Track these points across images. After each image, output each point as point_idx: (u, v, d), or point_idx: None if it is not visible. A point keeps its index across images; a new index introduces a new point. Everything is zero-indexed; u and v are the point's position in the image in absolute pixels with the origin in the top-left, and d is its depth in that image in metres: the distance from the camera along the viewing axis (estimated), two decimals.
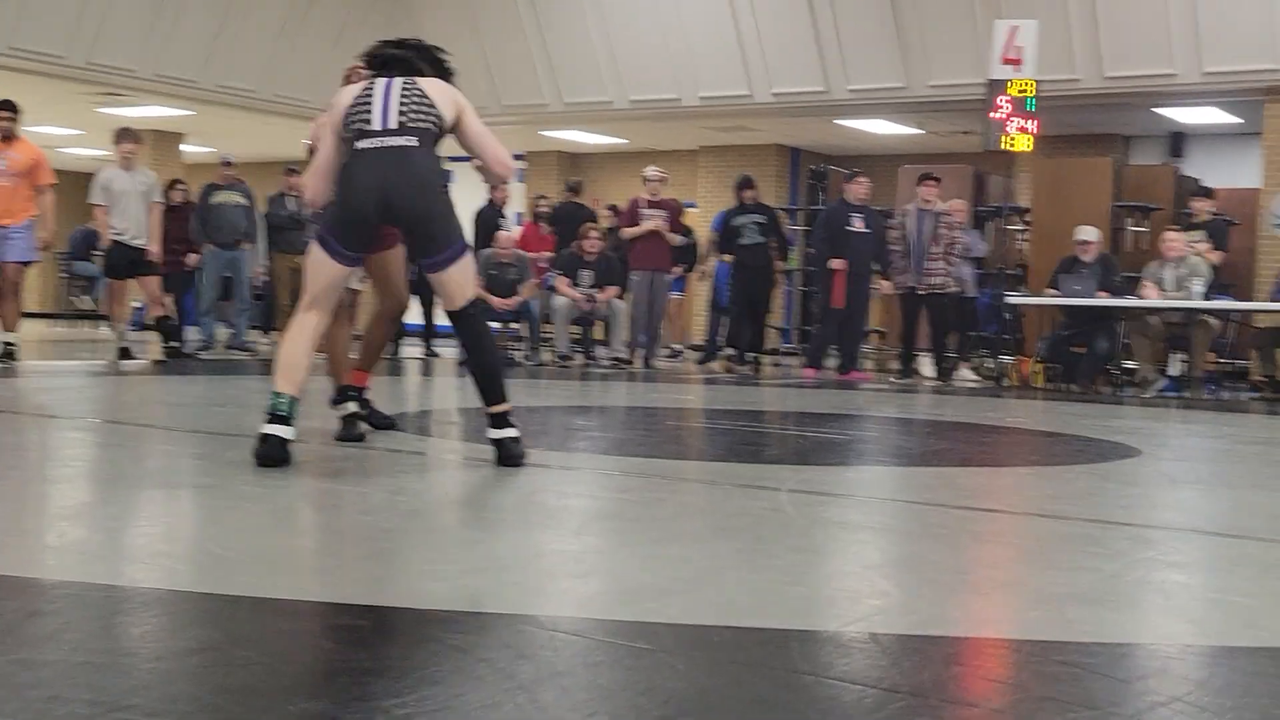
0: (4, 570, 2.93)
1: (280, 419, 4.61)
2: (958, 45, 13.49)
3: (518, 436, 4.83)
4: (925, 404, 9.43)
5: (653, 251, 13.04)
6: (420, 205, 4.63)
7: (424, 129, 4.67)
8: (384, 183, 4.60)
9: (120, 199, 10.78)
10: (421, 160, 4.64)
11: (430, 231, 4.67)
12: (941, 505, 4.42)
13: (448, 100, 4.78)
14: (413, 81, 4.79)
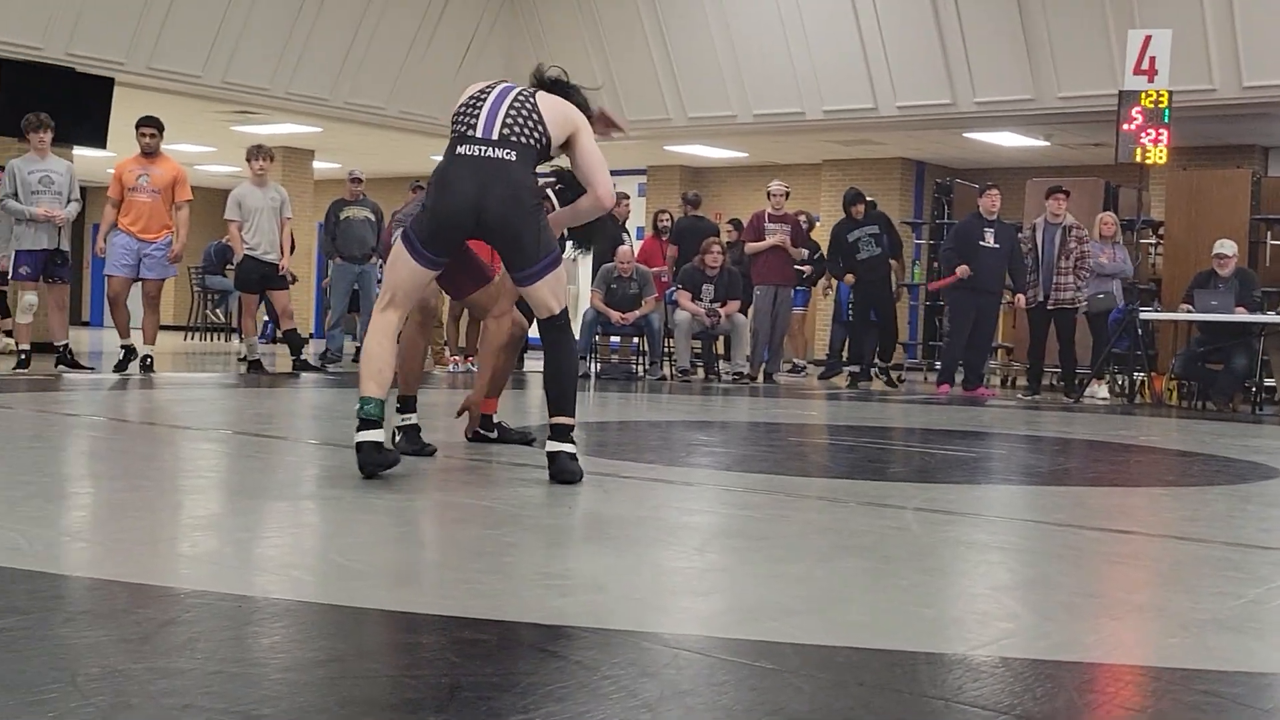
0: (140, 579, 3.00)
1: (371, 424, 4.60)
2: (1088, 56, 13.23)
3: (574, 454, 4.78)
4: (1054, 421, 9.24)
5: (776, 266, 13.00)
6: (513, 220, 4.59)
7: (525, 145, 4.64)
8: (479, 193, 4.58)
9: (253, 215, 11.03)
10: (518, 175, 4.60)
11: (521, 246, 4.65)
12: (1072, 526, 4.32)
13: (560, 119, 4.74)
14: (530, 93, 4.77)
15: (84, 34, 12.98)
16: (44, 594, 2.80)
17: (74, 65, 13.04)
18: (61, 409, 7.34)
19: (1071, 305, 11.79)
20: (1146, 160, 11.46)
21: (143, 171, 10.19)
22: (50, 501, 4.11)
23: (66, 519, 3.90)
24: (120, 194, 10.18)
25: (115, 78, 13.36)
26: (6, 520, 3.69)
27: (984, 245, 11.74)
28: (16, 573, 2.98)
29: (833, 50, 14.59)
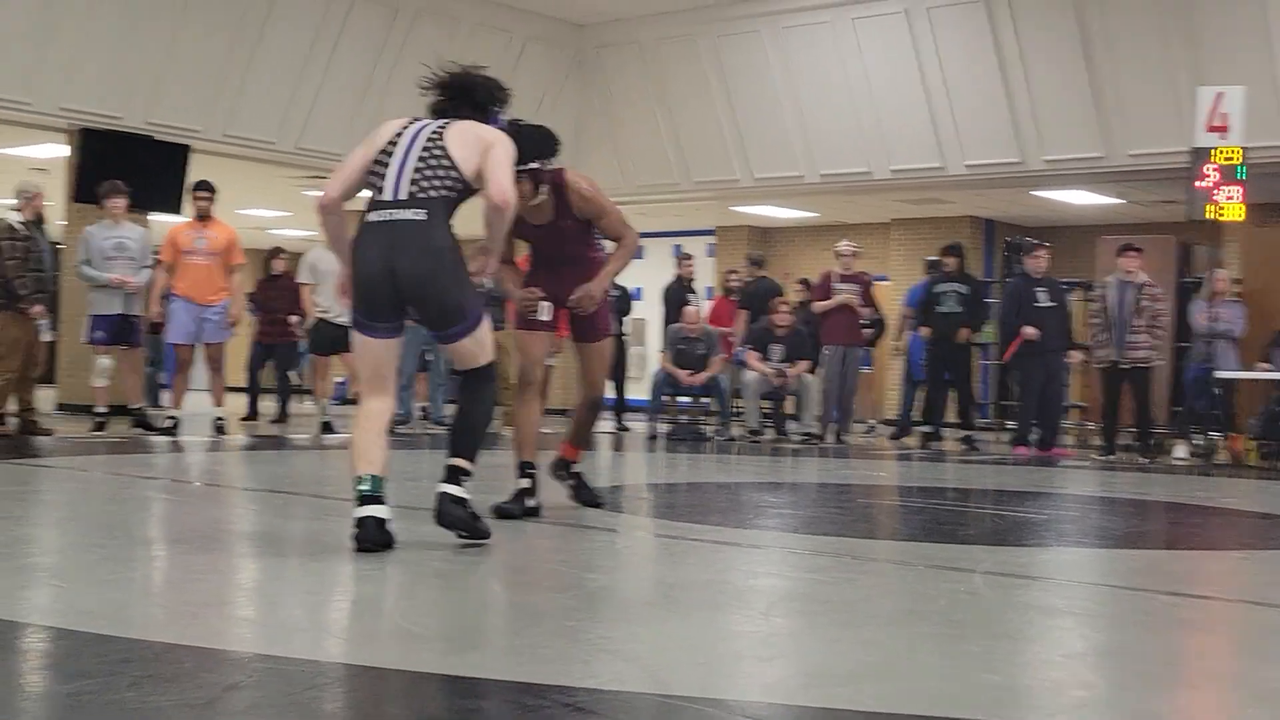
0: (206, 643, 3.01)
1: (371, 499, 4.43)
2: (1159, 113, 13.12)
3: (463, 499, 4.51)
4: (1129, 483, 9.09)
5: (845, 325, 12.94)
6: (429, 283, 4.46)
7: (436, 198, 4.48)
8: (389, 259, 4.44)
9: (326, 278, 11.09)
10: (432, 235, 4.45)
11: (443, 308, 4.51)
12: (1148, 590, 4.23)
13: (472, 149, 4.54)
14: (439, 133, 4.58)
15: (162, 103, 13.27)
16: (112, 658, 2.82)
17: (152, 133, 13.33)
18: (136, 471, 7.43)
19: (1146, 364, 11.62)
20: (1220, 217, 11.31)
21: (199, 235, 10.30)
22: (121, 564, 4.15)
23: (137, 582, 3.93)
24: (174, 258, 10.24)
25: (191, 144, 13.63)
26: (79, 583, 3.73)
27: (1038, 306, 11.63)
28: (87, 636, 3.01)
29: (900, 109, 14.58)
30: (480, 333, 4.59)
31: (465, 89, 4.83)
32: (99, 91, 12.83)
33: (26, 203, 9.77)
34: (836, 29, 14.56)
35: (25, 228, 9.58)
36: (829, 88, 14.92)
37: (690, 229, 19.95)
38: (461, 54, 16.26)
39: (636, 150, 16.50)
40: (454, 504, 4.50)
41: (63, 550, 4.49)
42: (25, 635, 3.10)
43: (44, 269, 9.63)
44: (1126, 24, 12.95)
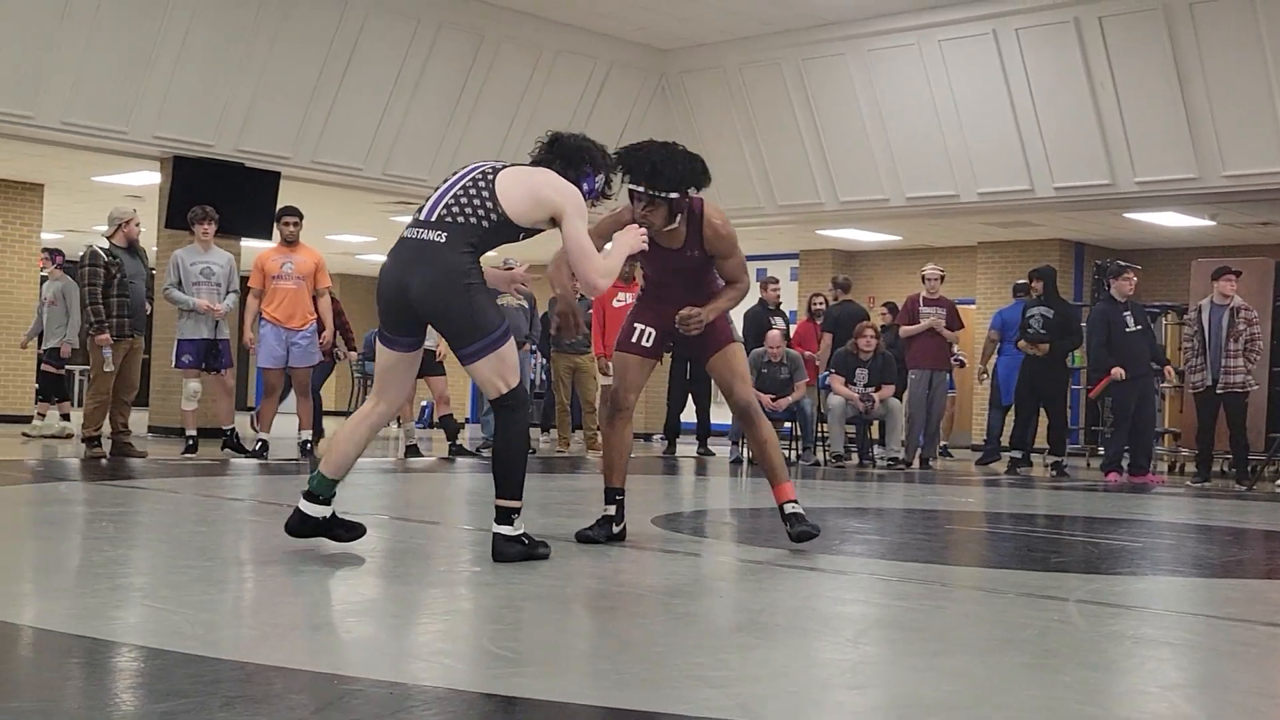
0: (296, 664, 3.03)
1: (307, 495, 4.79)
2: (1254, 133, 12.88)
3: (512, 536, 4.69)
4: (1226, 510, 8.89)
5: (931, 350, 12.84)
6: (438, 301, 4.60)
7: (461, 224, 4.62)
8: (403, 275, 4.65)
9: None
10: (445, 256, 4.58)
11: (451, 326, 4.64)
12: (1247, 621, 4.12)
13: (527, 197, 4.68)
14: (494, 170, 4.74)
15: (253, 131, 13.50)
16: (204, 678, 2.84)
17: (243, 160, 13.56)
18: (226, 494, 7.53)
19: (1242, 389, 11.39)
20: None
21: (286, 260, 10.44)
22: (212, 585, 4.20)
23: (227, 603, 3.98)
24: (262, 284, 10.38)
25: (281, 171, 13.85)
26: (171, 603, 3.78)
27: (1127, 331, 11.46)
28: (179, 656, 3.04)
29: (987, 131, 14.45)
30: (497, 357, 4.66)
31: (557, 141, 4.98)
32: (192, 120, 13.08)
33: (117, 228, 9.97)
34: (922, 50, 14.47)
35: (111, 254, 9.77)
36: (915, 110, 14.82)
37: (774, 253, 19.92)
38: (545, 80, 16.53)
39: (720, 174, 16.34)
40: (506, 543, 4.70)
41: (154, 571, 4.55)
42: (119, 654, 3.14)
43: (129, 295, 9.79)
44: (1220, 41, 12.73)
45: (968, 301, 19.22)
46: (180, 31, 12.63)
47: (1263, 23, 12.40)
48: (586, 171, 4.93)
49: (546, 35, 15.04)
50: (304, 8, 13.30)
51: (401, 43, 14.08)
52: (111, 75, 12.46)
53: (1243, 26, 12.55)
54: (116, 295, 9.68)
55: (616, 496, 5.50)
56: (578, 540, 5.37)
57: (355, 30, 13.69)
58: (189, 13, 12.60)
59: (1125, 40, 13.28)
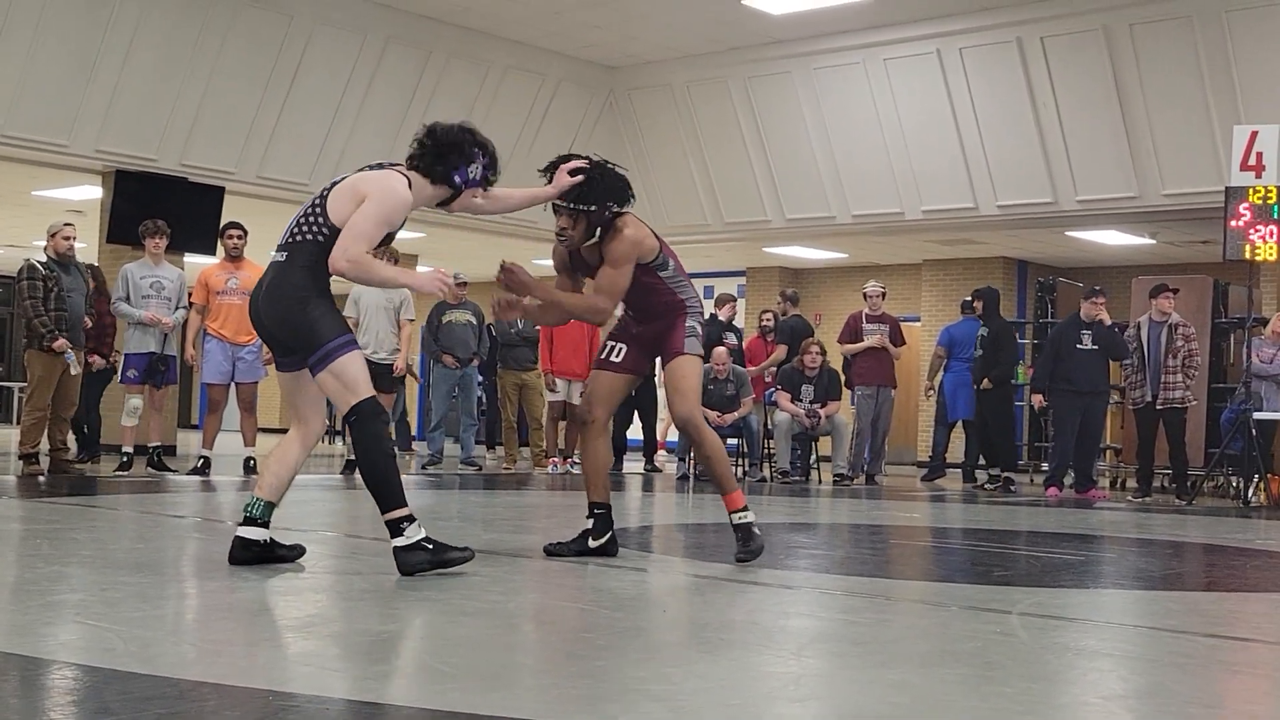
0: (231, 681, 2.99)
1: (247, 520, 4.85)
2: (1193, 153, 13.06)
3: (409, 545, 4.67)
4: (1166, 524, 8.98)
5: (874, 366, 12.91)
6: (277, 317, 4.78)
7: (299, 242, 4.76)
8: (255, 299, 4.89)
9: (367, 313, 11.00)
10: (282, 273, 4.76)
11: (295, 342, 4.78)
12: (1187, 633, 4.15)
13: (346, 198, 4.73)
14: (332, 185, 4.83)
15: (196, 145, 13.39)
16: (135, 695, 2.79)
17: (186, 175, 13.44)
18: (165, 510, 7.43)
19: (1181, 404, 11.52)
20: (1256, 257, 11.22)
21: (231, 275, 10.34)
22: (148, 602, 4.13)
23: (162, 619, 3.91)
24: (206, 300, 10.27)
25: (225, 186, 13.73)
26: (104, 620, 3.71)
27: (1080, 348, 11.55)
28: (110, 673, 2.98)
29: (931, 149, 14.57)
30: (338, 369, 4.70)
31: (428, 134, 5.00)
32: (134, 133, 12.96)
33: (49, 240, 9.88)
34: (868, 69, 14.58)
35: (49, 267, 9.65)
36: (860, 128, 14.92)
37: (721, 270, 19.96)
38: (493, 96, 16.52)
39: (668, 191, 16.53)
40: (406, 553, 4.67)
41: (89, 588, 4.47)
42: (49, 672, 3.07)
43: (66, 308, 9.66)
44: (1159, 63, 12.91)
45: (913, 319, 19.34)
46: (124, 43, 12.51)
47: (1200, 44, 12.59)
48: (456, 163, 4.96)
49: (495, 51, 15.02)
50: (249, 21, 13.21)
51: (348, 57, 14.02)
52: (53, 88, 12.32)
53: (1181, 47, 12.74)
54: (54, 309, 9.54)
55: (596, 511, 5.46)
56: (545, 554, 5.38)
57: (301, 44, 13.61)
58: (133, 24, 12.48)
59: (1067, 60, 13.44)
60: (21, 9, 11.84)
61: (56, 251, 9.82)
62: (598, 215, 5.21)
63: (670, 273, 5.43)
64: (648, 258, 5.34)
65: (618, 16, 14.06)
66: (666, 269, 5.41)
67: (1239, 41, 12.44)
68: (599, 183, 5.19)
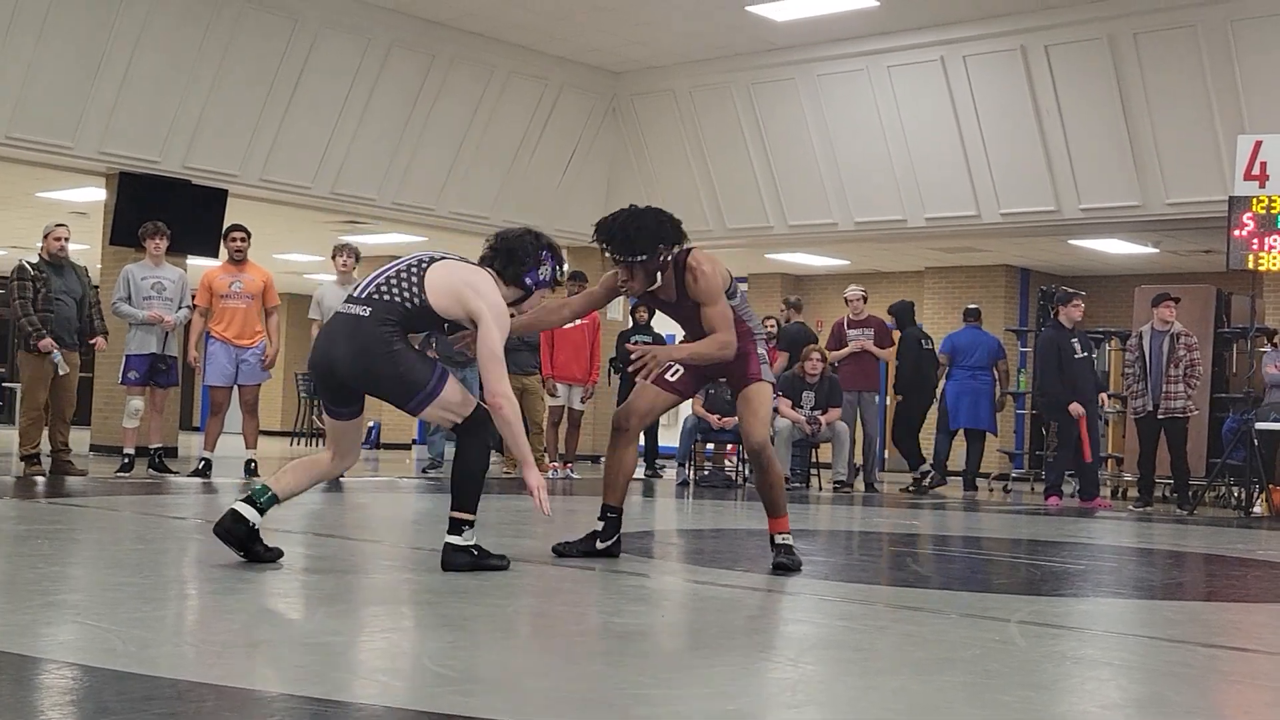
0: (230, 682, 2.99)
1: (246, 499, 4.95)
2: (1197, 162, 13.06)
3: (461, 546, 4.91)
4: (1166, 534, 8.97)
5: (855, 372, 12.94)
6: (364, 371, 4.84)
7: (385, 301, 4.84)
8: (328, 349, 4.90)
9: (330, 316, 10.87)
10: (367, 327, 4.81)
11: (387, 392, 4.90)
12: (1187, 642, 4.15)
13: (449, 292, 4.87)
14: (430, 260, 4.95)
15: (200, 148, 13.39)
16: (133, 695, 2.79)
17: (190, 177, 13.45)
18: (165, 512, 7.43)
19: (1182, 414, 11.52)
20: (1259, 267, 11.22)
21: (234, 278, 10.33)
22: (148, 602, 4.14)
23: (162, 620, 3.91)
24: (209, 302, 10.27)
25: (229, 189, 13.74)
26: (105, 621, 3.72)
27: (1076, 357, 11.57)
28: (109, 674, 2.99)
29: (934, 157, 14.57)
30: (443, 401, 4.88)
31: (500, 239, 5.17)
32: (138, 136, 12.96)
33: (43, 241, 9.91)
34: (871, 76, 14.58)
35: (39, 268, 9.68)
36: (863, 135, 14.92)
37: None
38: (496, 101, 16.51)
39: (670, 197, 16.51)
40: (455, 552, 4.93)
41: (89, 588, 4.48)
42: (48, 671, 3.08)
43: (53, 310, 9.67)
44: (1164, 71, 12.91)
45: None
46: (128, 46, 12.52)
47: (1205, 53, 12.59)
48: (527, 267, 5.11)
49: (498, 56, 15.03)
50: (254, 24, 13.22)
51: (352, 61, 14.03)
52: (57, 89, 12.33)
53: (1186, 56, 12.74)
54: (42, 310, 9.57)
55: (608, 514, 5.60)
56: (553, 553, 5.49)
57: (306, 47, 13.62)
58: (138, 27, 12.49)
59: (1071, 68, 13.44)
60: (27, 11, 11.85)
61: (50, 252, 9.84)
62: (652, 263, 5.27)
63: (739, 301, 5.51)
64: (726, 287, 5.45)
65: (621, 22, 14.07)
66: (735, 297, 5.48)
67: (1243, 51, 12.43)
68: (641, 233, 5.23)
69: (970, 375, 13.41)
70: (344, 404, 5.05)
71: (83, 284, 10.04)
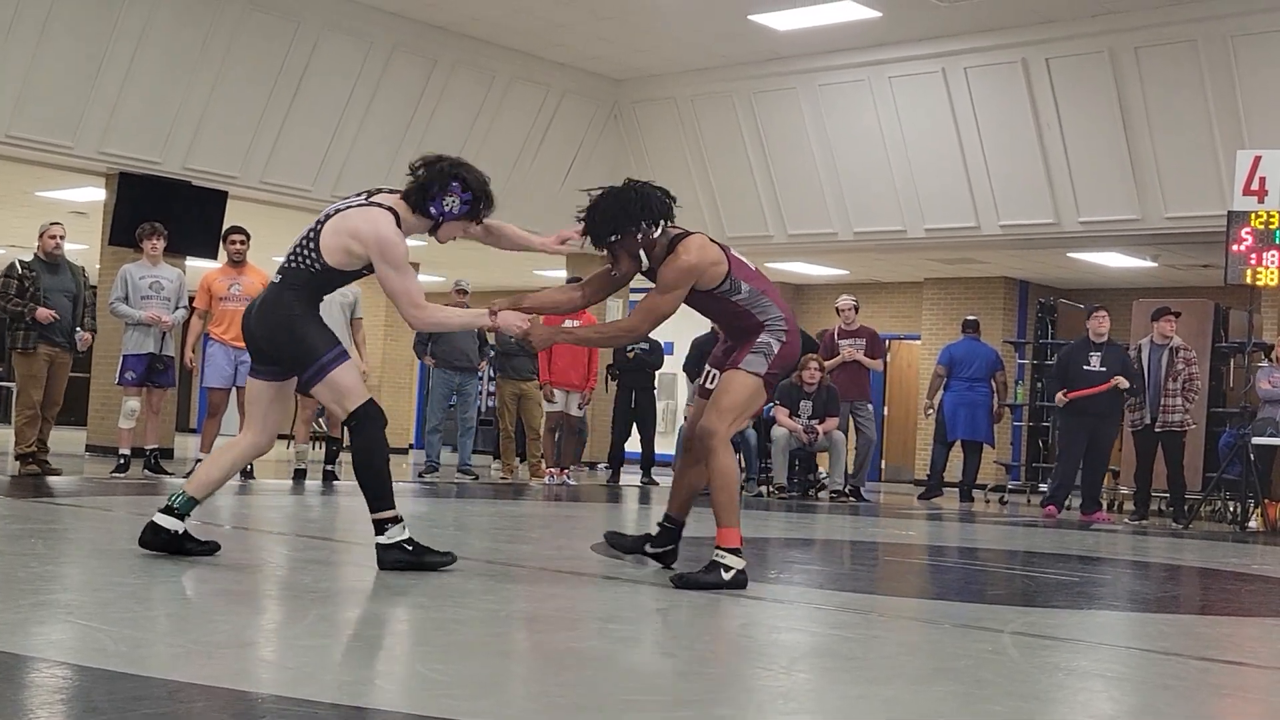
0: (220, 683, 2.98)
1: (164, 509, 5.05)
2: (1196, 176, 13.07)
3: (389, 545, 4.93)
4: (1162, 547, 8.97)
5: (846, 382, 12.92)
6: (266, 334, 4.98)
7: (294, 269, 4.95)
8: (248, 313, 5.10)
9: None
10: (272, 293, 4.99)
11: (285, 357, 4.99)
12: (1180, 655, 4.15)
13: (338, 247, 4.88)
14: (324, 218, 4.96)
15: (201, 149, 13.39)
16: (123, 695, 2.79)
17: (190, 179, 13.45)
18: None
19: (1180, 428, 11.52)
20: (1257, 282, 11.22)
21: (234, 280, 10.31)
22: (140, 602, 4.13)
23: (154, 620, 3.91)
24: (208, 305, 10.24)
25: (229, 191, 13.74)
26: (96, 620, 3.71)
27: (1088, 370, 11.54)
28: (100, 673, 2.98)
29: (934, 168, 14.58)
30: (334, 380, 4.94)
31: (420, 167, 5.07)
32: (139, 136, 12.96)
33: (38, 240, 9.94)
34: (873, 87, 14.59)
35: (30, 267, 9.72)
36: (864, 145, 14.93)
37: None
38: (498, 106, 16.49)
39: None
40: (384, 551, 4.95)
41: (81, 588, 4.48)
42: (37, 670, 3.07)
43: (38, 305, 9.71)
44: (1164, 86, 12.92)
45: (913, 337, 19.35)
46: (130, 46, 12.52)
47: (1205, 68, 12.60)
48: (432, 195, 5.01)
49: (500, 61, 15.04)
50: (255, 26, 13.23)
51: (354, 64, 14.04)
52: (58, 89, 12.33)
53: (1186, 71, 12.75)
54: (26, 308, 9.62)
55: (665, 522, 5.55)
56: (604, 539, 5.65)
57: (308, 50, 13.63)
58: (139, 27, 12.50)
59: (1071, 81, 13.45)
60: (28, 10, 11.86)
61: (44, 251, 9.87)
62: (631, 241, 5.04)
63: (745, 295, 5.10)
64: (710, 284, 5.06)
65: (623, 29, 14.08)
66: (740, 292, 5.08)
67: (1243, 66, 12.45)
68: (618, 209, 5.02)
69: (968, 386, 13.42)
70: (263, 362, 5.09)
71: (78, 283, 10.03)
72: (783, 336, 5.13)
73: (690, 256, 5.02)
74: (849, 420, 13.00)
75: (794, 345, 5.20)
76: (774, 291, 5.22)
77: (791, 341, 5.17)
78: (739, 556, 4.93)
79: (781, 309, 5.18)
